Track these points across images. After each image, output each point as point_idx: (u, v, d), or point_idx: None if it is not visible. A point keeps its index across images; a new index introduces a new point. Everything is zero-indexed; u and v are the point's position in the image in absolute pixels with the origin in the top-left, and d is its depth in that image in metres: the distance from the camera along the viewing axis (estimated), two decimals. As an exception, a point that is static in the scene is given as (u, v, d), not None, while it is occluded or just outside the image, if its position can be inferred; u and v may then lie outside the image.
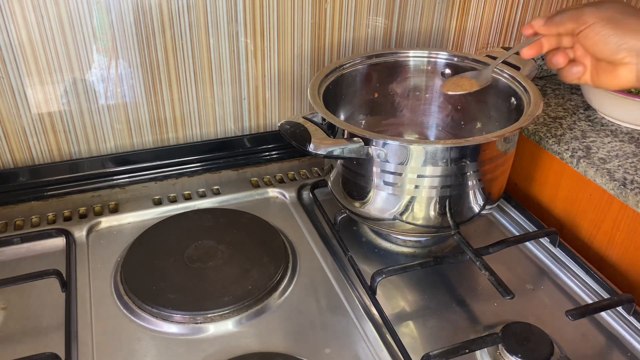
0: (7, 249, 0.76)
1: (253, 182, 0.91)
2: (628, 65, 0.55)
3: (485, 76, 0.72)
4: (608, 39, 0.54)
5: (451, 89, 0.72)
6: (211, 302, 0.67)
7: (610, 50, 0.55)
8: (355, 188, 0.73)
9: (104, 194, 0.87)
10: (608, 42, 0.55)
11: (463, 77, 0.72)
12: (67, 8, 0.77)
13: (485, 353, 0.63)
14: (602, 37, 0.55)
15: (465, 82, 0.72)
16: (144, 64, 0.85)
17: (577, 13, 0.57)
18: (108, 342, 0.63)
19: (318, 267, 0.75)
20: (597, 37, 0.55)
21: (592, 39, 0.56)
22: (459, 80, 0.72)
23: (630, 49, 0.53)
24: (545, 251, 0.80)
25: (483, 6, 1.01)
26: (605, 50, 0.55)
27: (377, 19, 0.95)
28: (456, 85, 0.72)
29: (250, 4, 0.86)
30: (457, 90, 0.72)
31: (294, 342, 0.64)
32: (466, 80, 0.72)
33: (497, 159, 0.71)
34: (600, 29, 0.55)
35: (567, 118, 0.93)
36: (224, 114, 0.94)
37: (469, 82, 0.72)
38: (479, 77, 0.73)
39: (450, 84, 0.72)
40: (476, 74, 0.74)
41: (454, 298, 0.72)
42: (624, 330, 0.68)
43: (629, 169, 0.79)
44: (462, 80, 0.72)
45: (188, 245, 0.75)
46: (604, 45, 0.55)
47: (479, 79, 0.72)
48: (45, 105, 0.83)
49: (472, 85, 0.71)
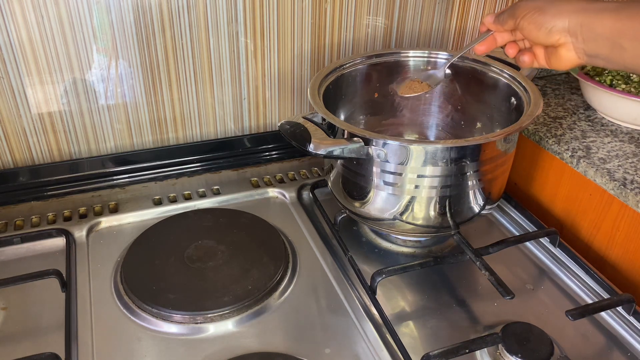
0: (7, 249, 0.76)
1: (253, 182, 0.91)
2: (565, 45, 0.59)
3: (436, 77, 0.76)
4: (540, 25, 0.59)
5: (406, 92, 0.77)
6: (211, 302, 0.67)
7: (544, 35, 0.59)
8: (355, 188, 0.73)
9: (104, 194, 0.87)
10: (540, 28, 0.59)
11: (414, 81, 0.77)
12: (67, 8, 0.77)
13: (485, 353, 0.63)
14: (535, 25, 0.59)
15: (417, 85, 0.76)
16: (144, 64, 0.85)
17: (513, 9, 0.62)
18: (108, 342, 0.63)
19: (318, 267, 0.75)
20: (530, 25, 0.60)
21: (527, 28, 0.60)
22: (411, 84, 0.77)
23: (561, 30, 0.58)
24: (545, 251, 0.80)
25: (483, 6, 1.01)
26: (541, 36, 0.59)
27: (377, 19, 0.95)
28: (409, 88, 0.77)
29: (250, 4, 0.86)
30: (410, 93, 0.76)
31: (294, 342, 0.64)
32: (417, 84, 0.76)
33: (497, 159, 0.71)
34: (531, 17, 0.59)
35: (567, 118, 0.93)
36: (224, 114, 0.94)
37: (421, 85, 0.76)
38: (429, 78, 0.77)
39: (405, 88, 0.77)
40: (427, 75, 0.78)
41: (454, 298, 0.72)
42: (624, 330, 0.68)
43: (629, 169, 0.79)
44: (414, 83, 0.77)
45: (188, 245, 0.75)
46: (538, 32, 0.59)
47: (430, 80, 0.77)
48: (45, 105, 0.83)
49: (424, 87, 0.76)
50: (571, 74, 0.94)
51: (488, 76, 0.83)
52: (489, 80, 0.83)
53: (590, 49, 0.57)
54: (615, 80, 0.91)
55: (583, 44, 0.57)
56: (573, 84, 1.06)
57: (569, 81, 1.08)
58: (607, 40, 0.55)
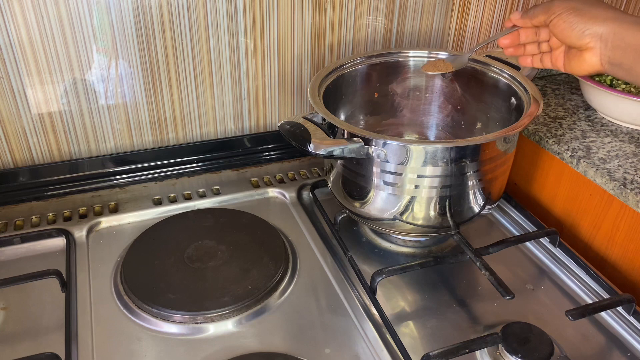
0: (7, 249, 0.76)
1: (253, 182, 0.91)
2: (592, 49, 0.60)
3: (461, 60, 0.79)
4: (574, 26, 0.60)
5: (429, 70, 0.80)
6: (211, 302, 0.67)
7: (576, 36, 0.60)
8: (355, 188, 0.73)
9: (104, 194, 0.87)
10: (574, 29, 0.60)
11: (440, 60, 0.81)
12: (67, 8, 0.77)
13: (485, 353, 0.63)
14: (568, 25, 0.60)
15: (442, 64, 0.80)
16: (144, 64, 0.85)
17: (547, 5, 0.63)
18: (108, 342, 0.63)
19: (318, 267, 0.75)
20: (564, 24, 0.61)
21: (560, 27, 0.61)
22: (436, 62, 0.80)
23: (593, 35, 0.59)
24: (545, 251, 0.80)
25: (483, 6, 1.01)
26: (572, 37, 0.61)
27: (377, 19, 0.95)
28: (433, 66, 0.80)
29: (250, 4, 0.86)
30: (434, 71, 0.80)
31: (294, 342, 0.64)
32: (442, 63, 0.80)
33: (497, 159, 0.71)
34: (566, 17, 0.61)
35: (567, 118, 0.93)
36: (224, 114, 0.94)
37: (445, 64, 0.79)
38: (455, 60, 0.80)
39: (429, 65, 0.80)
40: (454, 58, 0.82)
41: (454, 298, 0.72)
42: (624, 330, 0.68)
43: (629, 169, 0.79)
44: (439, 62, 0.80)
45: (188, 245, 0.75)
46: (571, 32, 0.61)
47: (455, 62, 0.80)
48: (45, 105, 0.83)
49: (448, 67, 0.79)
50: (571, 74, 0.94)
51: (488, 76, 0.83)
52: (489, 80, 0.83)
53: (616, 58, 0.59)
54: (615, 80, 0.91)
55: (610, 52, 0.59)
56: (573, 84, 1.06)
57: (569, 81, 1.08)
58: (635, 51, 0.57)
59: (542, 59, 0.68)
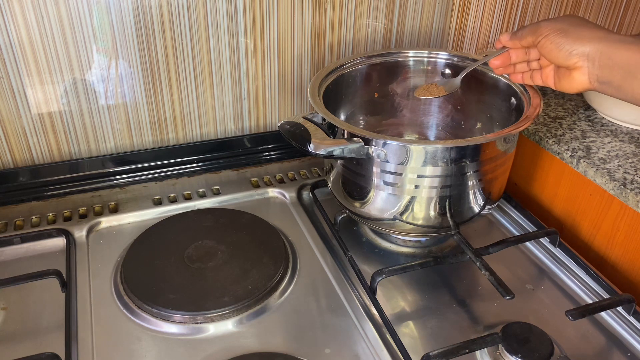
0: (7, 249, 0.76)
1: (253, 182, 0.91)
2: (581, 69, 0.61)
3: (454, 84, 0.80)
4: (561, 47, 0.61)
5: (422, 94, 0.81)
6: (211, 302, 0.67)
7: (564, 56, 0.61)
8: (355, 188, 0.73)
9: (104, 194, 0.87)
10: (561, 50, 0.61)
11: (432, 85, 0.81)
12: (67, 8, 0.77)
13: (485, 353, 0.63)
14: (556, 46, 0.62)
15: (434, 88, 0.80)
16: (144, 64, 0.85)
17: (535, 27, 0.64)
18: (108, 342, 0.63)
19: (318, 267, 0.75)
20: (551, 45, 0.62)
21: (547, 47, 0.63)
22: (429, 87, 0.81)
23: (580, 55, 0.60)
24: (545, 251, 0.80)
25: (483, 6, 1.01)
26: (560, 57, 0.62)
27: (377, 19, 0.95)
28: (426, 91, 0.81)
29: (250, 4, 0.86)
30: (427, 95, 0.80)
31: (294, 342, 0.64)
32: (435, 87, 0.80)
33: (497, 159, 0.71)
34: (553, 38, 0.62)
35: (567, 118, 0.93)
36: (224, 114, 0.94)
37: (438, 89, 0.80)
38: (447, 84, 0.81)
39: (422, 90, 0.81)
40: (446, 81, 0.83)
41: (454, 298, 0.72)
42: (624, 330, 0.68)
43: (629, 169, 0.79)
44: (432, 87, 0.81)
45: (188, 245, 0.75)
46: (558, 52, 0.62)
47: (447, 86, 0.80)
48: (45, 105, 0.83)
49: (440, 91, 0.80)
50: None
51: (488, 76, 0.83)
52: (489, 80, 0.83)
53: (604, 76, 0.60)
54: (615, 80, 0.91)
55: (598, 70, 0.60)
56: (573, 84, 1.06)
57: (569, 81, 1.07)
58: (622, 69, 0.58)
59: (533, 76, 0.70)
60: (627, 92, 0.59)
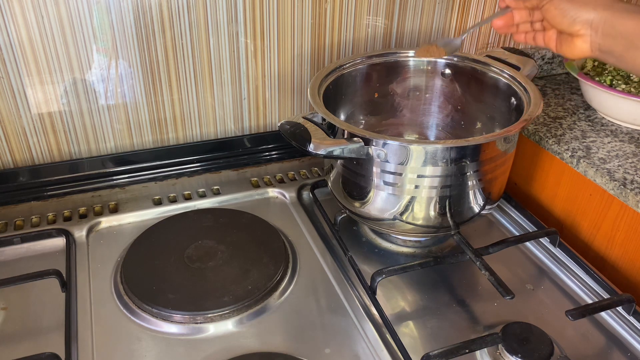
0: (7, 249, 0.76)
1: (253, 182, 0.91)
2: (583, 37, 0.60)
3: (454, 44, 0.77)
4: (565, 13, 0.60)
5: (422, 55, 0.80)
6: (211, 302, 0.67)
7: (567, 22, 0.60)
8: (355, 188, 0.73)
9: (104, 194, 0.87)
10: (565, 16, 0.60)
11: (432, 45, 0.78)
12: (67, 8, 0.77)
13: (485, 353, 0.63)
14: (560, 11, 0.61)
15: (434, 49, 0.78)
16: (144, 64, 0.85)
17: None
18: (108, 342, 0.63)
19: (318, 267, 0.75)
20: (556, 10, 0.61)
21: (551, 12, 0.62)
22: (429, 48, 0.78)
23: (584, 22, 0.59)
24: (545, 251, 0.80)
25: (483, 6, 1.01)
26: (563, 23, 0.61)
27: (377, 19, 0.95)
28: (426, 51, 0.78)
29: (250, 4, 0.86)
30: (427, 56, 0.79)
31: (294, 342, 0.64)
32: (435, 48, 0.78)
33: (497, 159, 0.71)
34: (558, 3, 0.61)
35: (567, 118, 0.93)
36: (224, 114, 0.94)
37: (438, 50, 0.77)
38: (447, 45, 0.78)
39: (422, 51, 0.79)
40: (446, 42, 0.79)
41: (454, 298, 0.72)
42: (624, 330, 0.68)
43: (629, 169, 0.79)
44: (432, 47, 0.78)
45: (188, 245, 0.75)
46: (562, 19, 0.61)
47: (447, 47, 0.77)
48: (45, 105, 0.83)
49: (441, 52, 0.77)
50: (571, 74, 0.94)
51: (488, 76, 0.83)
52: (489, 80, 0.83)
53: (606, 45, 0.59)
54: (615, 80, 0.91)
55: (601, 39, 0.59)
56: (573, 84, 1.06)
57: (569, 81, 1.08)
58: (625, 39, 0.57)
59: (535, 37, 0.68)
60: (628, 63, 0.58)
